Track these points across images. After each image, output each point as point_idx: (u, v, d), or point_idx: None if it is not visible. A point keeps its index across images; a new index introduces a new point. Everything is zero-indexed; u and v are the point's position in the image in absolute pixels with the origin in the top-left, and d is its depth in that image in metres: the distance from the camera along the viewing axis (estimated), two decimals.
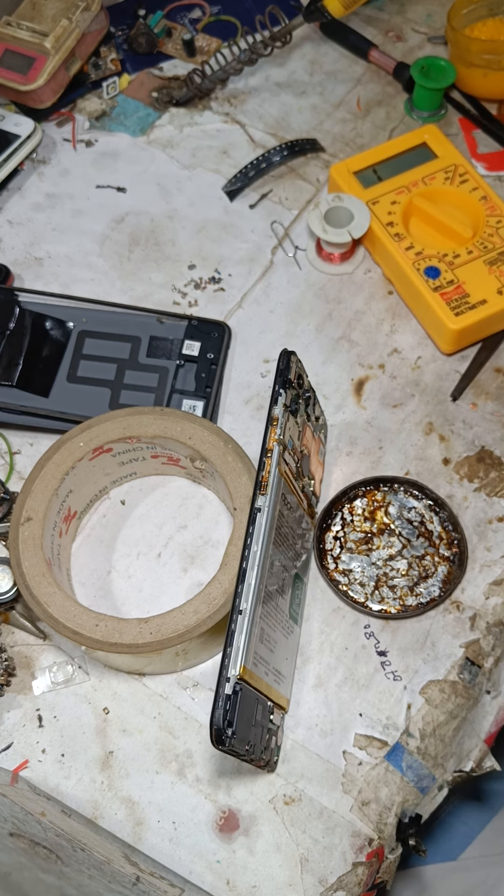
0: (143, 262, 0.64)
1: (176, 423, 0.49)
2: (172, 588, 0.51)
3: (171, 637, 0.43)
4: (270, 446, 0.42)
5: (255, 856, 0.44)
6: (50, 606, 0.44)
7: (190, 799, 0.46)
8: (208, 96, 0.72)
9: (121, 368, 0.56)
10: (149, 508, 0.54)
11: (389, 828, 0.45)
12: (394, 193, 0.61)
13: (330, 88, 0.72)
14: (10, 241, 0.65)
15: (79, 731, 0.47)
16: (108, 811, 0.46)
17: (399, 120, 0.70)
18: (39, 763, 0.47)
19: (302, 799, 0.45)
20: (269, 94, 0.72)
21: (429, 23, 0.75)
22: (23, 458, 0.56)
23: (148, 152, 0.69)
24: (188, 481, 0.54)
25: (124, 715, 0.48)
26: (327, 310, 0.61)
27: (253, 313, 0.61)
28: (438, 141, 0.64)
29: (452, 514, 0.52)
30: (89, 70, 0.72)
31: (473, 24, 0.70)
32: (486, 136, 0.68)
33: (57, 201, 0.67)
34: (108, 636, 0.44)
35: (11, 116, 0.68)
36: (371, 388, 0.58)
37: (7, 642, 0.50)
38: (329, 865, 0.44)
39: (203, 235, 0.65)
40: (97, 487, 0.53)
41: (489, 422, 0.56)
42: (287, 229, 0.65)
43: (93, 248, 0.65)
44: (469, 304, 0.56)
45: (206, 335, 0.57)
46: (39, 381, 0.56)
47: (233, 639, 0.38)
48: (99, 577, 0.52)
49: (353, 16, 0.72)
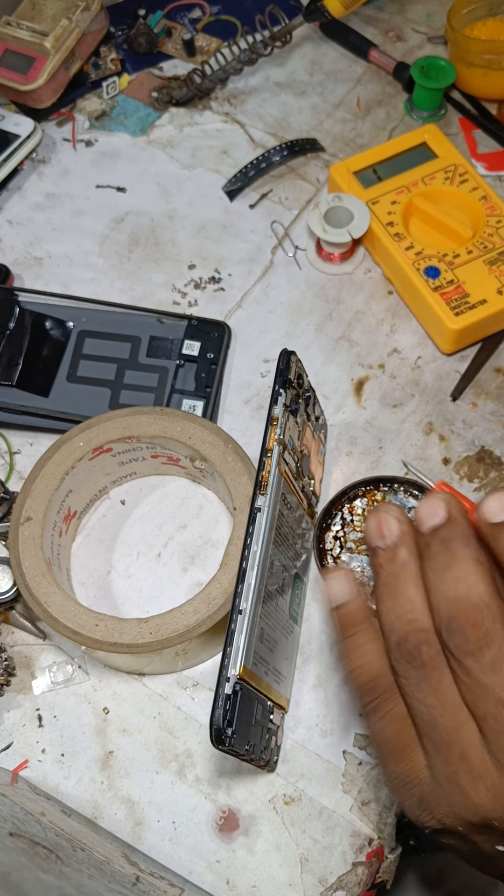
0: (143, 262, 0.64)
1: (176, 423, 0.49)
2: (172, 588, 0.51)
3: (171, 637, 0.43)
4: (270, 446, 0.42)
5: (255, 856, 0.44)
6: (50, 606, 0.44)
7: (190, 799, 0.46)
8: (208, 96, 0.72)
9: (121, 368, 0.56)
10: (149, 508, 0.54)
11: (389, 828, 0.45)
12: (394, 193, 0.61)
13: (330, 88, 0.72)
14: (10, 241, 0.65)
15: (79, 731, 0.47)
16: (108, 811, 0.46)
17: (399, 120, 0.70)
18: (39, 763, 0.47)
19: (302, 799, 0.45)
20: (269, 94, 0.72)
21: (429, 23, 0.75)
22: (23, 458, 0.56)
23: (148, 152, 0.69)
24: (188, 481, 0.54)
25: (124, 715, 0.48)
26: (327, 310, 0.61)
27: (253, 313, 0.61)
28: (438, 141, 0.64)
29: None
30: (89, 70, 0.72)
31: (473, 24, 0.70)
32: (486, 136, 0.68)
33: (57, 201, 0.67)
34: (108, 636, 0.44)
35: (11, 116, 0.68)
36: (371, 388, 0.58)
37: (7, 642, 0.50)
38: (329, 865, 0.44)
39: (203, 235, 0.65)
40: (97, 487, 0.53)
41: (489, 422, 0.56)
42: (287, 229, 0.65)
43: (93, 248, 0.65)
44: (469, 303, 0.56)
45: (206, 335, 0.57)
46: (39, 381, 0.56)
47: (233, 639, 0.38)
48: (99, 577, 0.52)
49: (353, 16, 0.72)
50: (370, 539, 0.33)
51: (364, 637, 0.33)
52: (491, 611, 0.29)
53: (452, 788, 0.31)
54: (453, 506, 0.31)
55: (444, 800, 0.31)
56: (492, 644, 0.29)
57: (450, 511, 0.31)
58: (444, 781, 0.31)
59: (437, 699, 0.31)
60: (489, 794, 0.30)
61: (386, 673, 0.33)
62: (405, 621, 0.31)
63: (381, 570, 0.33)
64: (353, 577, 0.34)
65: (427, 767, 0.32)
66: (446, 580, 0.30)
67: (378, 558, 0.33)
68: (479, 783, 0.30)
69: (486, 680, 0.29)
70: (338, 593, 0.33)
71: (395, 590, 0.32)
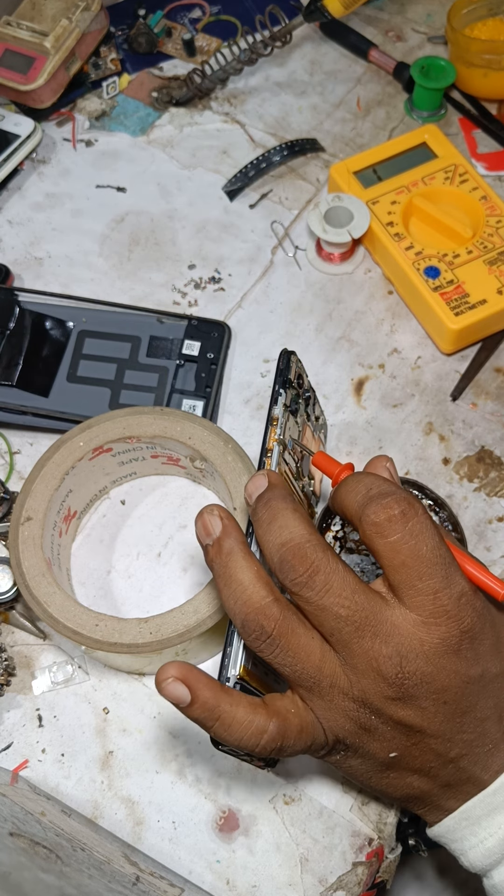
0: (143, 261, 0.64)
1: (176, 422, 0.49)
2: (172, 588, 0.51)
3: (171, 637, 0.43)
4: (270, 446, 0.42)
5: (255, 856, 0.44)
6: (50, 606, 0.44)
7: (190, 799, 0.46)
8: (208, 96, 0.72)
9: (121, 368, 0.56)
10: (149, 508, 0.54)
11: (389, 828, 0.45)
12: (394, 193, 0.61)
13: (330, 88, 0.72)
14: (10, 241, 0.65)
15: (79, 731, 0.47)
16: (108, 811, 0.46)
17: (399, 120, 0.70)
18: (39, 763, 0.47)
19: (302, 799, 0.45)
20: (269, 94, 0.72)
21: (429, 23, 0.75)
22: (23, 458, 0.56)
23: (148, 152, 0.69)
24: (188, 481, 0.54)
25: (124, 715, 0.48)
26: (327, 310, 0.61)
27: (253, 313, 0.61)
28: (438, 141, 0.64)
29: (452, 514, 0.52)
30: (89, 70, 0.73)
31: (473, 24, 0.70)
32: (486, 136, 0.68)
33: (57, 201, 0.67)
34: (108, 636, 0.44)
35: (11, 116, 0.68)
36: (371, 387, 0.58)
37: (7, 642, 0.50)
38: (329, 865, 0.44)
39: (203, 235, 0.65)
40: (97, 487, 0.53)
41: (489, 422, 0.56)
42: (287, 229, 0.65)
43: (93, 248, 0.65)
44: (469, 303, 0.56)
45: (206, 335, 0.57)
46: (39, 381, 0.56)
47: (233, 639, 0.38)
48: (99, 577, 0.52)
49: (353, 16, 0.72)
50: (200, 540, 0.37)
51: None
52: (312, 544, 0.34)
53: (336, 713, 0.35)
54: (272, 476, 0.38)
55: (338, 726, 0.36)
56: (318, 570, 0.34)
57: (269, 479, 0.37)
58: (326, 711, 0.35)
59: (293, 656, 0.34)
60: (356, 711, 0.35)
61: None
62: (241, 603, 0.35)
63: (212, 564, 0.36)
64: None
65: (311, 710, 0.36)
66: (272, 531, 0.35)
67: (209, 554, 0.37)
68: (349, 700, 0.35)
69: (323, 602, 0.34)
70: (179, 696, 0.35)
71: (227, 578, 0.35)
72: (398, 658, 0.34)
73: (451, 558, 0.34)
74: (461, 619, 0.34)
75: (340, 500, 0.37)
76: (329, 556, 0.34)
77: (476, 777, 0.36)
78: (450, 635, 0.34)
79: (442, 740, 0.35)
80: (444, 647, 0.34)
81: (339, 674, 0.35)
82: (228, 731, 0.34)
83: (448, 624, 0.34)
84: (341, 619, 0.34)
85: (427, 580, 0.34)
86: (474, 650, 0.35)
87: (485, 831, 0.36)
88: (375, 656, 0.34)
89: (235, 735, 0.34)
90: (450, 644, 0.34)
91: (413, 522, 0.34)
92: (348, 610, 0.34)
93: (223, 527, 0.36)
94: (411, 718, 0.35)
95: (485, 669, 0.35)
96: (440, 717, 0.35)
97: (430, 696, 0.34)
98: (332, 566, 0.34)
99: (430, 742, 0.35)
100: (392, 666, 0.34)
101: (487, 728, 0.36)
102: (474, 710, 0.35)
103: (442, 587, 0.34)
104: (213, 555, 0.36)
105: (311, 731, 0.36)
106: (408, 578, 0.34)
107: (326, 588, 0.34)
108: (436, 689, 0.34)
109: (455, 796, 0.37)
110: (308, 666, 0.35)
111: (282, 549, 0.34)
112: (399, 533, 0.34)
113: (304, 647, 0.35)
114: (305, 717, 0.36)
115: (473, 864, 0.37)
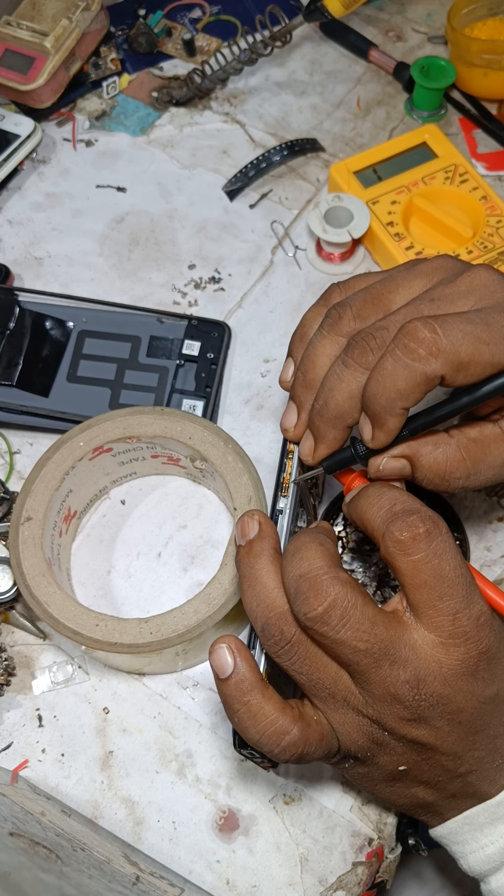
0: (143, 261, 0.64)
1: (176, 422, 0.49)
2: (172, 588, 0.51)
3: (171, 637, 0.43)
4: (291, 448, 0.43)
5: (255, 855, 0.44)
6: (50, 606, 0.44)
7: (190, 799, 0.46)
8: (208, 96, 0.72)
9: (121, 368, 0.56)
10: (149, 508, 0.54)
11: (389, 828, 0.45)
12: (394, 193, 0.61)
13: (330, 88, 0.72)
14: (10, 241, 0.65)
15: (79, 731, 0.47)
16: (108, 811, 0.46)
17: (399, 120, 0.70)
18: (39, 763, 0.47)
19: (302, 799, 0.45)
20: (269, 94, 0.72)
21: (429, 23, 0.75)
22: (23, 458, 0.56)
23: (148, 152, 0.69)
24: (188, 481, 0.54)
25: (124, 715, 0.48)
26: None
27: (253, 313, 0.61)
28: (438, 141, 0.64)
29: (453, 514, 0.52)
30: (89, 70, 0.72)
31: (473, 24, 0.70)
32: (486, 136, 0.68)
33: (57, 201, 0.67)
34: (108, 636, 0.44)
35: (11, 116, 0.68)
36: None
37: (7, 642, 0.50)
38: (329, 865, 0.44)
39: (203, 235, 0.65)
40: (97, 487, 0.53)
41: None
42: (287, 229, 0.65)
43: (93, 248, 0.65)
44: None
45: (206, 335, 0.57)
46: (39, 381, 0.56)
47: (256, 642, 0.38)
48: (99, 577, 0.52)
49: (353, 16, 0.72)
50: (236, 542, 0.37)
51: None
52: (330, 577, 0.33)
53: (349, 727, 0.35)
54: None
55: (350, 739, 0.36)
56: (335, 605, 0.33)
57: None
58: (339, 723, 0.36)
59: (310, 666, 0.34)
60: (370, 727, 0.35)
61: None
62: (264, 606, 0.35)
63: (240, 564, 0.37)
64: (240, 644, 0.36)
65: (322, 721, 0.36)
66: (294, 562, 0.34)
67: (239, 555, 0.37)
68: (363, 717, 0.35)
69: (339, 636, 0.33)
70: (223, 665, 0.35)
71: (252, 579, 0.36)
72: (416, 682, 0.33)
73: (471, 579, 0.34)
74: (480, 640, 0.33)
75: (361, 512, 0.36)
76: (348, 590, 0.33)
77: (482, 791, 0.36)
78: (468, 657, 0.33)
79: (453, 757, 0.35)
80: (462, 668, 0.33)
81: (355, 692, 0.35)
82: (253, 721, 0.34)
83: (467, 645, 0.33)
84: (360, 652, 0.33)
85: (448, 600, 0.33)
86: (490, 671, 0.34)
87: (486, 838, 0.36)
88: (393, 682, 0.33)
89: (258, 728, 0.34)
90: (468, 666, 0.33)
91: (437, 542, 0.33)
92: (367, 644, 0.33)
93: (259, 530, 0.37)
94: (424, 737, 0.34)
95: (500, 689, 0.35)
96: (454, 736, 0.34)
97: (445, 716, 0.34)
98: (351, 600, 0.33)
99: (441, 759, 0.35)
100: (409, 690, 0.33)
101: (499, 745, 0.35)
102: (487, 728, 0.35)
103: (462, 608, 0.33)
104: (243, 555, 0.36)
105: (329, 740, 0.36)
106: (428, 598, 0.33)
107: (343, 622, 0.33)
108: (451, 710, 0.34)
109: (458, 807, 0.37)
110: (324, 677, 0.34)
111: (298, 581, 0.34)
112: (423, 552, 0.33)
113: (322, 658, 0.34)
114: (325, 727, 0.36)
115: (472, 868, 0.37)
